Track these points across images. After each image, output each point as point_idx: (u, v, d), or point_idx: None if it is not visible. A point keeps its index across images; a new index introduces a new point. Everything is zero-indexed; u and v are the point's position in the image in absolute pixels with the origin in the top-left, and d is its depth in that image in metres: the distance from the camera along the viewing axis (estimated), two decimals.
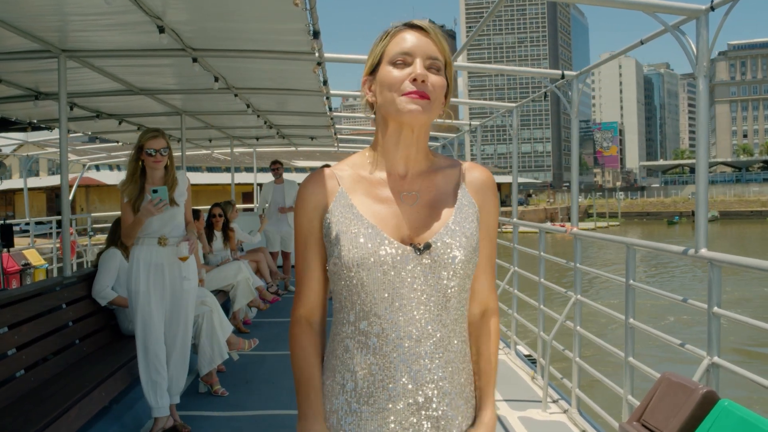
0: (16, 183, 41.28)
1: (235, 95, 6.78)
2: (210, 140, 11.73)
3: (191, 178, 4.44)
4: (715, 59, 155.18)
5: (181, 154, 8.83)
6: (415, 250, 1.39)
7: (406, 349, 1.39)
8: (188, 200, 4.31)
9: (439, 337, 1.41)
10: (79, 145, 13.03)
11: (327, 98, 7.09)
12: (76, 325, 4.54)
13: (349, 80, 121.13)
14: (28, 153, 14.42)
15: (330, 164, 1.61)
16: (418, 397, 1.40)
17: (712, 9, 3.37)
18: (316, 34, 4.31)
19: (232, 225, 8.04)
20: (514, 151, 7.61)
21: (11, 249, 9.65)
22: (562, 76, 5.47)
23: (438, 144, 12.17)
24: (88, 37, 4.68)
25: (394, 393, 1.40)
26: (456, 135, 11.14)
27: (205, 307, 5.16)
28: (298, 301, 1.54)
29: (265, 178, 10.68)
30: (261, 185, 11.06)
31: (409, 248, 1.40)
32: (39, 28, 4.39)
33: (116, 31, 4.57)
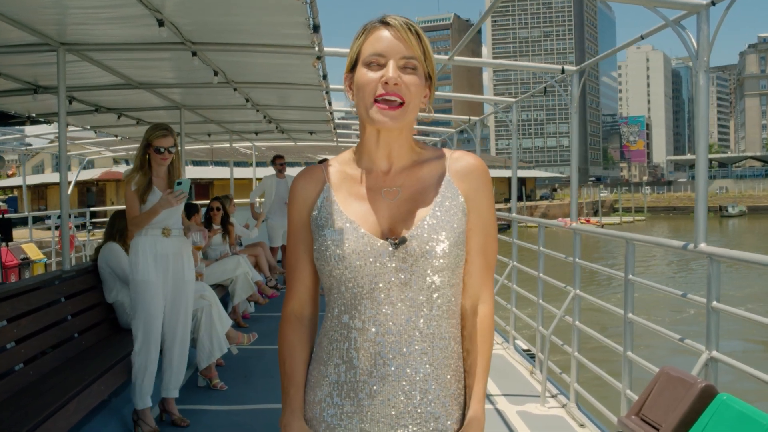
0: (48, 177, 42.23)
1: (235, 89, 6.76)
2: (209, 134, 11.71)
3: (215, 173, 4.52)
4: (745, 52, 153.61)
5: (180, 148, 8.78)
6: (392, 245, 1.40)
7: (388, 345, 1.39)
8: None
9: (424, 333, 1.41)
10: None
11: (326, 93, 7.08)
12: (75, 318, 4.53)
13: None
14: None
15: (328, 158, 1.62)
16: (400, 395, 1.39)
17: (713, 4, 3.36)
18: (316, 28, 4.30)
19: (231, 219, 8.03)
20: (513, 146, 7.62)
21: (10, 243, 9.65)
22: (562, 71, 5.46)
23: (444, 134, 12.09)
24: (87, 31, 4.66)
25: (375, 389, 1.40)
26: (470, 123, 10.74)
27: (204, 301, 5.16)
28: (288, 296, 1.56)
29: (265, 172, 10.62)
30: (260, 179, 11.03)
31: (386, 243, 1.40)
32: (38, 21, 4.37)
33: (115, 25, 4.55)
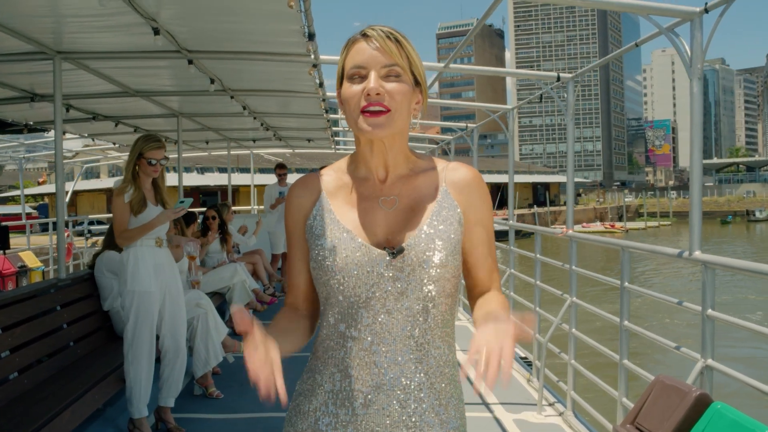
0: (78, 185, 43.01)
1: (231, 97, 6.77)
2: (207, 142, 11.73)
3: (239, 180, 4.55)
4: None
5: (178, 156, 8.82)
6: (389, 254, 1.39)
7: (383, 354, 1.40)
8: None
9: (419, 342, 1.41)
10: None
11: (323, 100, 7.09)
12: (71, 327, 4.52)
13: None
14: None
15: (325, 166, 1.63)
16: (395, 403, 1.40)
17: (706, 11, 3.37)
18: (311, 36, 4.30)
19: (228, 227, 8.03)
20: (510, 154, 7.63)
21: (7, 251, 9.65)
22: (558, 78, 5.47)
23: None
24: (83, 39, 4.67)
25: (370, 398, 1.40)
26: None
27: (201, 310, 5.16)
28: (286, 292, 1.60)
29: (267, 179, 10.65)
30: (257, 187, 11.06)
31: (383, 252, 1.40)
32: (34, 29, 4.38)
33: (111, 33, 4.55)
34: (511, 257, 6.66)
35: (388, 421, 1.39)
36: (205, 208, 8.30)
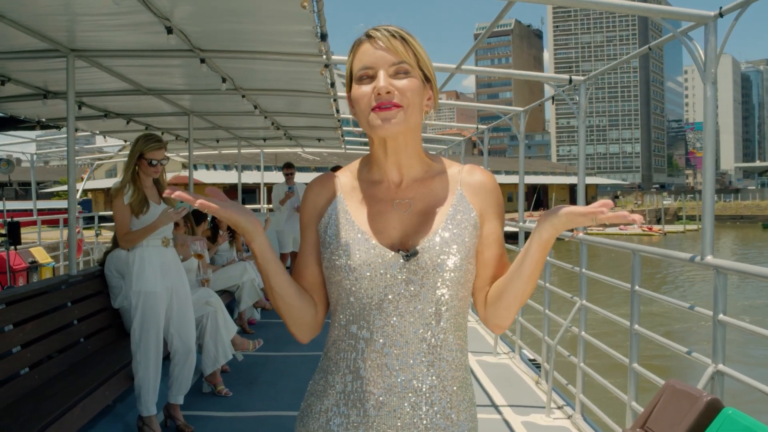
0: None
1: (243, 96, 6.79)
2: (217, 140, 11.77)
3: (282, 179, 4.56)
4: None
5: (189, 154, 8.85)
6: (403, 257, 1.39)
7: (395, 356, 1.39)
8: None
9: (431, 345, 1.41)
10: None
11: (334, 100, 7.10)
12: (81, 323, 4.54)
13: None
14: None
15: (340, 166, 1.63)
16: (406, 406, 1.39)
17: (720, 15, 3.36)
18: (323, 37, 4.31)
19: None
20: (521, 155, 7.61)
21: (18, 246, 9.70)
22: (570, 81, 5.46)
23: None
24: (97, 37, 4.69)
25: (381, 400, 1.39)
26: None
27: (210, 308, 5.17)
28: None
29: (277, 177, 10.70)
30: (267, 185, 11.10)
31: (397, 255, 1.40)
32: (48, 27, 4.41)
33: (125, 32, 4.58)
34: None
35: (399, 424, 1.39)
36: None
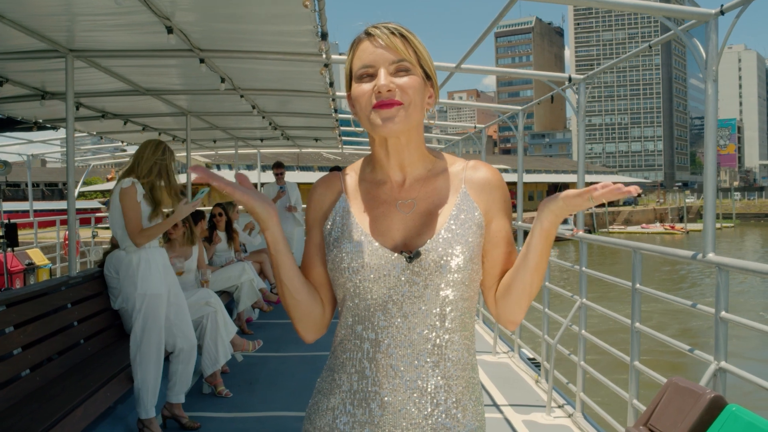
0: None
1: (241, 96, 6.78)
2: (214, 141, 11.75)
3: (304, 178, 4.69)
4: None
5: (187, 154, 8.84)
6: (406, 259, 1.38)
7: (400, 357, 1.39)
8: None
9: (436, 345, 1.40)
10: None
11: (333, 100, 7.10)
12: (82, 324, 4.53)
13: None
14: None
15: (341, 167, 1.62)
16: (411, 406, 1.39)
17: (721, 13, 3.36)
18: (324, 36, 4.31)
19: (234, 226, 8.04)
20: (519, 153, 7.61)
21: (15, 248, 9.67)
22: (569, 79, 5.46)
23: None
24: (96, 37, 4.68)
25: (387, 400, 1.39)
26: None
27: (210, 308, 5.16)
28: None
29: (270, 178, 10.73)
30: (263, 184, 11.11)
31: (400, 256, 1.39)
32: (47, 27, 4.39)
33: (124, 32, 4.57)
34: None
35: (404, 423, 1.39)
36: (210, 207, 8.32)
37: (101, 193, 51.43)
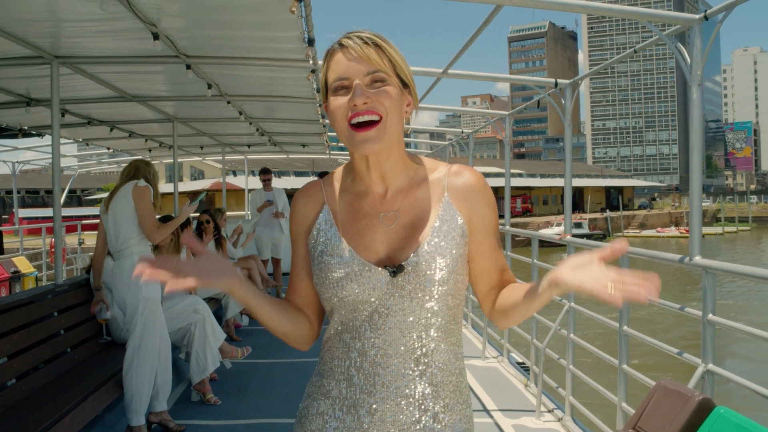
0: (163, 188, 44.22)
1: (228, 102, 6.76)
2: (201, 147, 11.71)
3: (300, 184, 4.86)
4: None
5: (173, 161, 8.80)
6: (390, 273, 1.38)
7: (387, 367, 1.39)
8: None
9: (423, 354, 1.40)
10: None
11: (320, 105, 7.09)
12: (68, 333, 4.50)
13: None
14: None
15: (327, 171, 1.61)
16: (399, 413, 1.40)
17: (705, 18, 3.40)
18: (311, 42, 4.31)
19: (222, 233, 8.01)
20: (507, 159, 7.64)
21: (0, 256, 9.59)
22: (555, 84, 5.49)
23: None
24: (82, 44, 4.65)
25: (375, 407, 1.40)
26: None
27: (198, 315, 5.14)
28: (288, 291, 1.57)
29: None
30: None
31: (384, 271, 1.38)
32: (32, 34, 4.36)
33: (110, 38, 4.54)
34: (508, 262, 6.67)
35: (393, 429, 1.40)
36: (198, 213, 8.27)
37: None
